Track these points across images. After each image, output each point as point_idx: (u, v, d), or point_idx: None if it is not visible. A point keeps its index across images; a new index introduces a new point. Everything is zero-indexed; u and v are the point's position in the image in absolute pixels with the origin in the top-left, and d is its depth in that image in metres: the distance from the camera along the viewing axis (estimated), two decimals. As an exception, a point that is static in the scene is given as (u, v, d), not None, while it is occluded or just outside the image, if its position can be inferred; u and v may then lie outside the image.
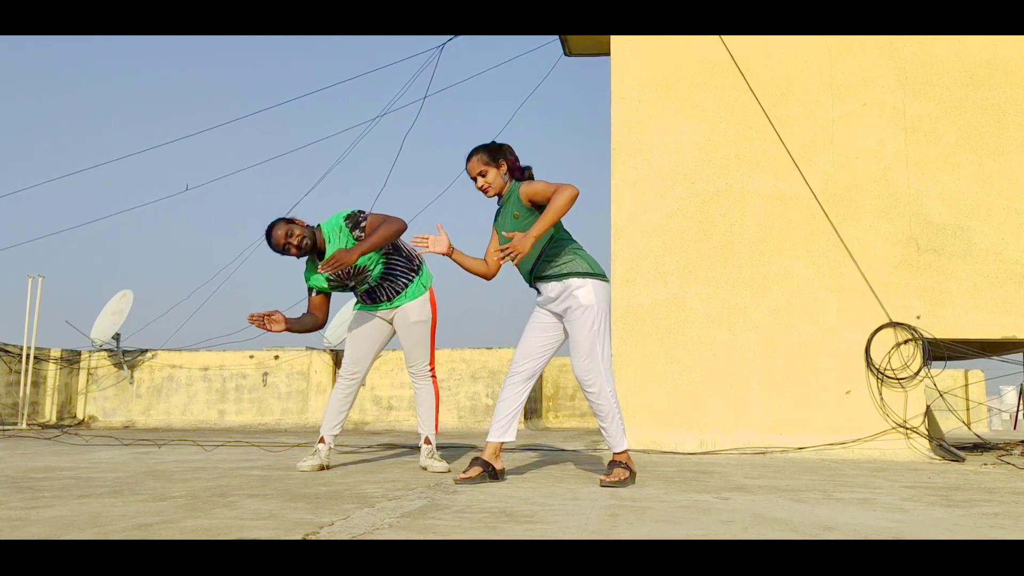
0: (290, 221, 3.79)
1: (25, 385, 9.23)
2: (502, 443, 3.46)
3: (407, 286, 3.95)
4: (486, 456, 3.42)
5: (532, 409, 10.27)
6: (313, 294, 3.94)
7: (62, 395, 9.92)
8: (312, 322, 3.93)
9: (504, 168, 3.51)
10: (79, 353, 10.27)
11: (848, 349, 5.49)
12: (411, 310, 3.94)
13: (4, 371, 9.21)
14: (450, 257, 3.54)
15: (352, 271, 3.83)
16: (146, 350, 10.33)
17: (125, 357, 10.17)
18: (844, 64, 5.85)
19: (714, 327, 5.63)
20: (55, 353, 9.95)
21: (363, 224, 3.81)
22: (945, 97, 5.73)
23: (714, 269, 5.70)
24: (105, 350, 10.18)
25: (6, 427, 8.64)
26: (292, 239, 3.74)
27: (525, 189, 3.41)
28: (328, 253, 3.81)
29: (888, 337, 5.46)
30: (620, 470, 3.33)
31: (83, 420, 10.04)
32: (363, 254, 3.66)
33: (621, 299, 5.75)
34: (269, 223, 3.80)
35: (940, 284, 5.51)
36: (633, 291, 5.74)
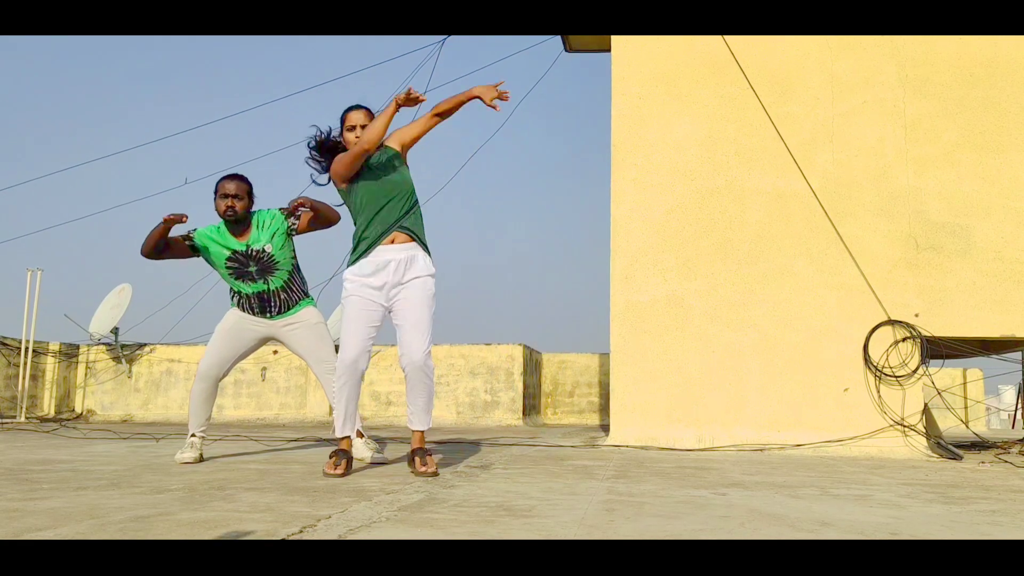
0: (249, 191, 3.97)
1: (24, 378, 9.22)
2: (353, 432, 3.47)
3: (298, 303, 4.14)
4: (344, 446, 3.42)
5: (530, 405, 10.27)
6: (186, 243, 4.02)
7: (60, 389, 9.92)
8: (155, 244, 3.94)
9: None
10: (77, 347, 10.26)
11: (846, 347, 5.50)
12: (309, 314, 4.16)
13: (3, 364, 9.22)
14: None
15: (263, 257, 3.96)
16: (144, 344, 10.32)
17: (123, 351, 10.16)
18: (844, 61, 5.85)
19: (713, 324, 5.64)
20: (54, 347, 9.94)
21: (299, 215, 4.03)
22: (945, 95, 5.73)
23: (713, 266, 5.71)
24: (104, 344, 10.17)
25: (5, 420, 8.64)
26: (239, 201, 3.91)
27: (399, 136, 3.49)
28: (255, 237, 3.96)
29: (886, 335, 5.46)
30: (433, 459, 3.35)
31: (81, 414, 10.03)
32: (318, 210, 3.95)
33: (620, 295, 5.75)
34: (231, 173, 3.98)
35: (939, 282, 5.51)
36: (632, 287, 5.74)
